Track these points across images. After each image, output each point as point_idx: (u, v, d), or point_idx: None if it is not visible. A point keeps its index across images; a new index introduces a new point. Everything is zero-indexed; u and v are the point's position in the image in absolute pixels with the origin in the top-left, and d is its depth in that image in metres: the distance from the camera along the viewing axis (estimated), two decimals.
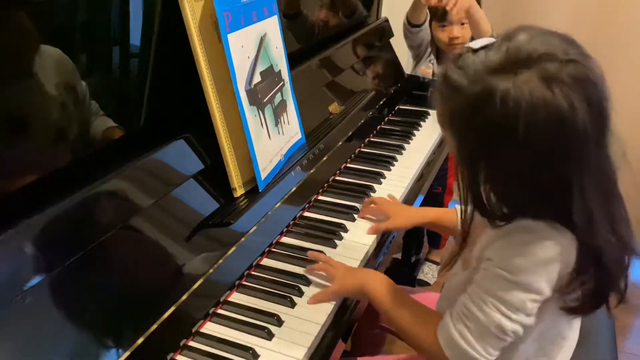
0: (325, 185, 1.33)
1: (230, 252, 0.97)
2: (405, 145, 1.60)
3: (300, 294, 0.97)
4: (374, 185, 1.36)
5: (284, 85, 1.24)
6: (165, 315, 0.82)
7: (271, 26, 1.20)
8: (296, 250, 1.09)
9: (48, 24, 0.82)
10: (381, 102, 1.77)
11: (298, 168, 1.24)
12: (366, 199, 1.26)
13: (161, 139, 0.98)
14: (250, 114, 1.07)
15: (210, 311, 0.92)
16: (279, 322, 0.90)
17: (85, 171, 0.86)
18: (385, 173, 1.42)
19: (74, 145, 0.89)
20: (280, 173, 1.19)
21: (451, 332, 0.81)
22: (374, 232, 1.16)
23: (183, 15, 0.96)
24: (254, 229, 1.04)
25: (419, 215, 1.20)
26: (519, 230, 0.77)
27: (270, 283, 0.99)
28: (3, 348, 0.68)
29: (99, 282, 0.81)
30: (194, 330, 0.88)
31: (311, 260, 1.04)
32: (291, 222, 1.18)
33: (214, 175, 1.05)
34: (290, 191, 1.18)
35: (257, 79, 1.12)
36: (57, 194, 0.80)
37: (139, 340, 0.78)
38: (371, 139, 1.62)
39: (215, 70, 1.01)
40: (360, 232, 1.17)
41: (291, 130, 1.27)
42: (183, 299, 0.86)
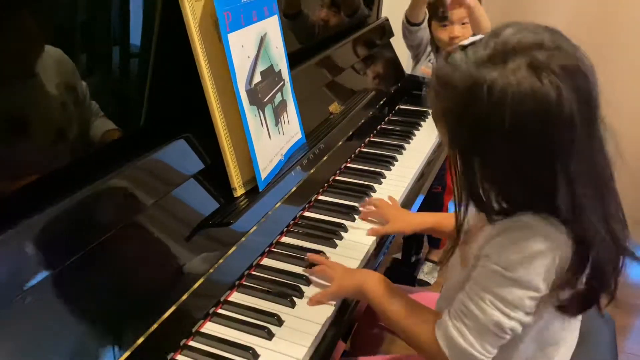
0: (325, 185, 1.33)
1: (230, 252, 0.97)
2: (405, 145, 1.60)
3: (300, 293, 0.97)
4: (374, 185, 1.36)
5: (284, 85, 1.24)
6: (166, 315, 0.82)
7: (271, 26, 1.20)
8: (296, 250, 1.09)
9: (48, 23, 0.82)
10: (381, 102, 1.77)
11: (298, 168, 1.24)
12: (366, 199, 1.26)
13: (161, 139, 0.98)
14: (250, 113, 1.07)
15: (211, 311, 0.92)
16: (279, 322, 0.90)
17: (85, 171, 0.86)
18: (385, 173, 1.42)
19: (74, 145, 0.89)
20: (280, 173, 1.19)
21: (450, 331, 0.81)
22: (374, 235, 1.16)
23: (183, 14, 0.96)
24: (254, 228, 1.04)
25: (419, 221, 1.21)
26: (516, 227, 0.77)
27: (271, 283, 1.00)
28: (3, 348, 0.68)
29: (99, 282, 0.81)
30: (194, 330, 0.88)
31: (310, 262, 1.04)
32: (291, 222, 1.18)
33: (214, 175, 1.05)
34: (291, 191, 1.18)
35: (258, 78, 1.12)
36: (57, 194, 0.80)
37: (139, 340, 0.78)
38: (371, 139, 1.62)
39: (216, 70, 1.01)
40: (360, 232, 1.17)
41: (291, 130, 1.27)
42: (183, 298, 0.86)
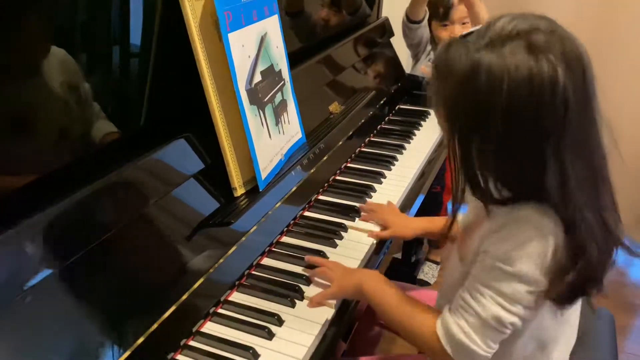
0: (325, 185, 1.33)
1: (230, 252, 0.97)
2: (405, 145, 1.60)
3: (300, 293, 0.97)
4: (375, 185, 1.36)
5: (284, 84, 1.24)
6: (166, 315, 0.82)
7: (272, 25, 1.20)
8: (296, 250, 1.09)
9: (48, 23, 0.82)
10: (382, 102, 1.77)
11: (298, 168, 1.24)
12: (364, 205, 1.25)
13: (161, 139, 0.98)
14: (250, 113, 1.07)
15: (211, 311, 0.92)
16: (280, 322, 0.90)
17: (85, 171, 0.86)
18: (385, 173, 1.42)
19: (74, 145, 0.89)
20: (280, 173, 1.18)
21: (450, 327, 0.81)
22: (374, 238, 1.16)
23: (184, 14, 0.96)
24: (254, 228, 1.04)
25: (419, 225, 1.21)
26: (513, 222, 0.78)
27: (271, 283, 1.00)
28: (3, 348, 0.68)
29: (100, 282, 0.81)
30: (194, 329, 0.88)
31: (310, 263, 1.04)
32: (291, 222, 1.18)
33: (214, 174, 1.05)
34: (291, 191, 1.18)
35: (258, 78, 1.12)
36: (57, 193, 0.80)
37: (140, 340, 0.78)
38: (372, 139, 1.62)
39: (216, 69, 1.01)
40: (360, 232, 1.17)
41: (291, 129, 1.27)
42: (183, 298, 0.86)
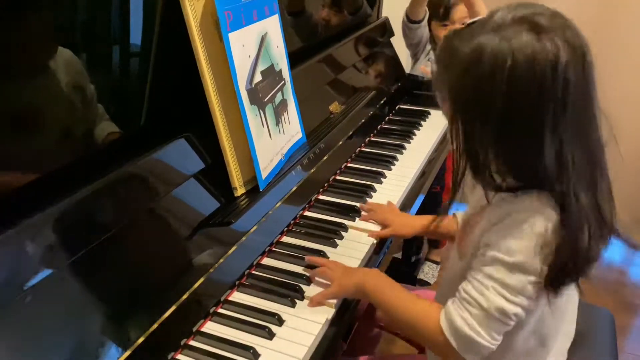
0: (325, 184, 1.33)
1: (230, 252, 0.97)
2: (405, 145, 1.60)
3: (301, 293, 0.97)
4: (375, 185, 1.36)
5: (284, 84, 1.24)
6: (166, 315, 0.82)
7: (272, 25, 1.20)
8: (297, 250, 1.09)
9: (47, 23, 0.82)
10: (382, 102, 1.77)
11: (299, 167, 1.23)
12: (364, 205, 1.25)
13: (161, 139, 0.98)
14: (251, 113, 1.07)
15: (211, 310, 0.92)
16: (280, 322, 0.90)
17: (85, 171, 0.86)
18: (385, 172, 1.42)
19: (74, 144, 0.89)
20: (280, 172, 1.18)
21: (454, 320, 0.81)
22: (375, 237, 1.16)
23: (184, 14, 0.96)
24: (254, 228, 1.04)
25: (419, 224, 1.21)
26: (514, 212, 0.79)
27: (271, 282, 0.99)
28: (3, 348, 0.68)
29: (100, 282, 0.81)
30: (194, 329, 0.88)
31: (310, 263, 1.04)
32: (292, 222, 1.18)
33: (214, 174, 1.04)
34: (291, 190, 1.18)
35: (258, 78, 1.12)
36: (57, 193, 0.80)
37: (140, 340, 0.78)
38: (372, 139, 1.62)
39: (216, 69, 1.01)
40: (361, 232, 1.17)
41: (292, 129, 1.26)
42: (184, 298, 0.86)
